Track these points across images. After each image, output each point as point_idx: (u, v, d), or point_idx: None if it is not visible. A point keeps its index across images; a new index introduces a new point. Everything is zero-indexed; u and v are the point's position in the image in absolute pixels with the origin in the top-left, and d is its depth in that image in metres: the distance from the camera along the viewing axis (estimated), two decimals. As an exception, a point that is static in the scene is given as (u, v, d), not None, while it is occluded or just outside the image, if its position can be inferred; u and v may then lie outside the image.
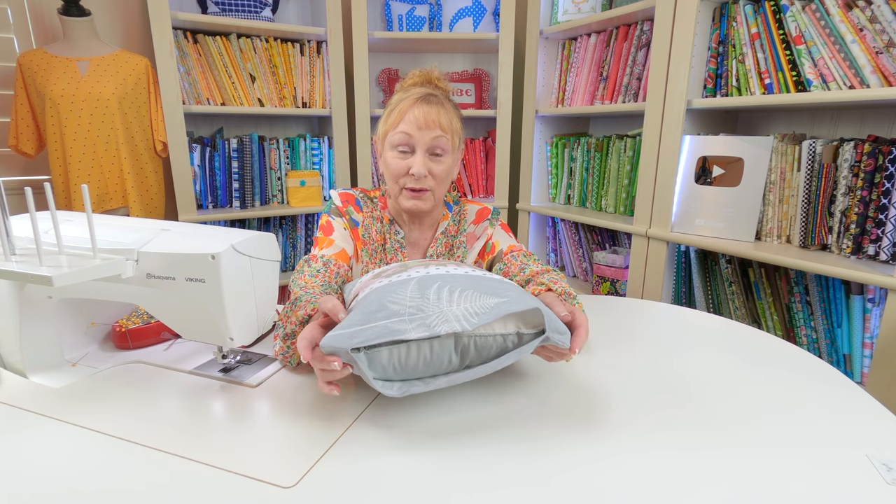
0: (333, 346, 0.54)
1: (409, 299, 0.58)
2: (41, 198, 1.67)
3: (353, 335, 0.55)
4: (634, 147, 1.65)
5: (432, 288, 0.60)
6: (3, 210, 0.59)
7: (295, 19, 2.03)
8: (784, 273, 1.29)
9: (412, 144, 0.87)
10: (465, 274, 0.65)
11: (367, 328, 0.55)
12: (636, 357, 0.78)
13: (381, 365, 0.56)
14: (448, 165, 0.90)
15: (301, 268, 0.84)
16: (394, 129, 0.88)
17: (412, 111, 0.86)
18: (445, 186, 0.93)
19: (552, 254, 2.11)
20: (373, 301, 0.59)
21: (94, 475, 0.49)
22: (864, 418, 0.61)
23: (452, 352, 0.58)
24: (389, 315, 0.56)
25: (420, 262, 0.72)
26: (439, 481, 0.49)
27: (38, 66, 1.54)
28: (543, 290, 0.75)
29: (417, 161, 0.87)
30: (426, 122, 0.86)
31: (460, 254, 0.96)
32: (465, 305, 0.57)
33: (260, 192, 1.94)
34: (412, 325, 0.55)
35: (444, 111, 0.88)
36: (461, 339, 0.58)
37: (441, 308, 0.57)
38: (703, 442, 0.56)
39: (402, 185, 0.89)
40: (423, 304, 0.58)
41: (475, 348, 0.59)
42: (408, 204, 0.90)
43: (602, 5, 1.74)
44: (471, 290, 0.60)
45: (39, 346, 0.70)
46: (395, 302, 0.58)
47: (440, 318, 0.56)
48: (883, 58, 1.05)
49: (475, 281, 0.63)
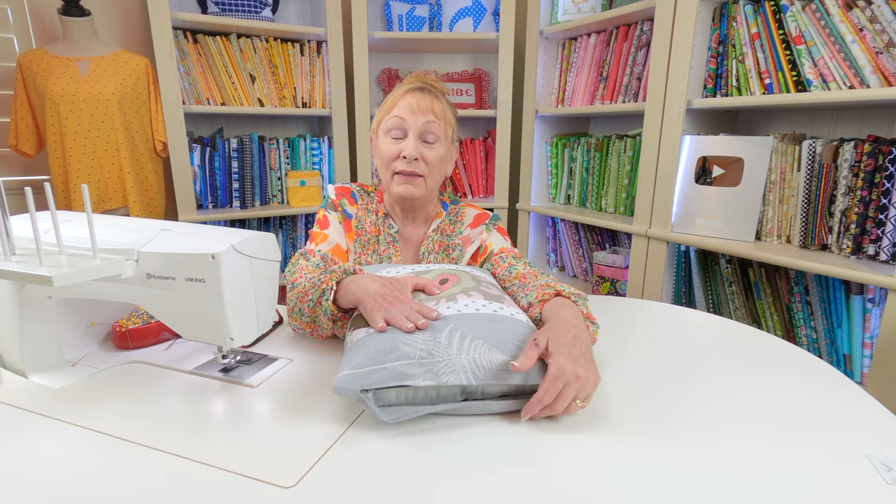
0: (345, 388, 0.57)
1: (421, 342, 0.60)
2: (41, 198, 1.67)
3: (365, 376, 0.57)
4: (634, 147, 1.65)
5: (444, 331, 0.62)
6: (3, 210, 0.59)
7: (295, 19, 2.03)
8: (784, 273, 1.29)
9: (405, 128, 0.89)
10: (476, 313, 0.66)
11: (377, 370, 0.58)
12: (636, 357, 0.78)
13: (387, 400, 0.59)
14: (440, 154, 0.91)
15: (297, 260, 0.85)
16: (388, 115, 0.90)
17: (406, 98, 0.89)
18: (438, 177, 0.93)
19: (552, 254, 2.11)
20: (385, 339, 0.61)
21: (95, 475, 0.49)
22: (863, 418, 0.61)
23: (458, 395, 0.61)
24: (400, 357, 0.59)
25: (427, 277, 0.76)
26: (439, 481, 0.49)
27: (38, 66, 1.54)
28: (552, 296, 0.75)
29: (410, 143, 0.88)
30: (419, 106, 0.88)
31: (455, 256, 0.96)
32: (474, 356, 0.60)
33: (260, 192, 1.94)
34: (421, 371, 0.58)
35: (437, 101, 0.90)
36: (468, 386, 0.60)
37: (451, 356, 0.59)
38: (702, 441, 0.56)
39: (393, 169, 0.90)
40: (433, 347, 0.60)
41: (481, 394, 0.62)
42: (399, 189, 0.90)
43: (602, 5, 1.74)
44: (481, 340, 0.61)
45: (39, 346, 0.70)
46: (407, 343, 0.60)
47: (448, 367, 0.58)
48: (883, 58, 1.05)
49: (487, 324, 0.64)
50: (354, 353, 0.61)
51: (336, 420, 0.59)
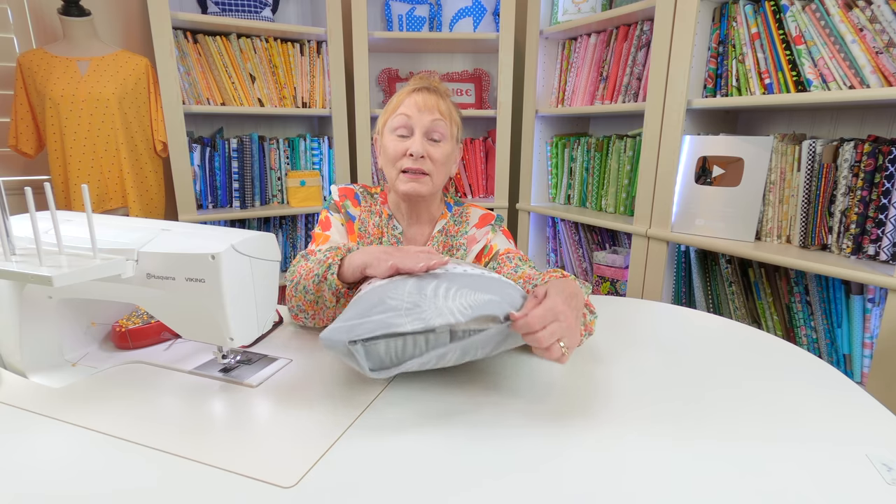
0: (332, 339, 0.57)
1: (408, 294, 0.62)
2: (41, 198, 1.67)
3: (352, 328, 0.58)
4: (634, 147, 1.65)
5: (430, 286, 0.63)
6: (3, 210, 0.59)
7: (295, 19, 2.03)
8: (784, 273, 1.29)
9: (411, 126, 0.89)
10: (463, 272, 0.67)
11: (364, 322, 0.59)
12: (636, 357, 0.78)
13: (378, 356, 0.59)
14: (446, 152, 0.91)
15: (298, 261, 0.85)
16: (393, 114, 0.90)
17: (412, 96, 0.90)
18: (444, 175, 0.94)
19: (552, 254, 2.11)
20: (372, 296, 0.63)
21: (95, 475, 0.49)
22: (864, 418, 0.61)
23: (447, 340, 0.60)
24: (386, 310, 0.60)
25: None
26: (439, 480, 0.49)
27: (38, 66, 1.54)
28: (559, 277, 0.77)
29: (416, 141, 0.89)
30: (425, 105, 0.89)
31: (459, 255, 0.96)
32: (460, 301, 0.61)
33: (260, 192, 1.94)
34: (408, 319, 0.58)
35: (442, 101, 0.91)
36: (456, 333, 0.60)
37: (437, 304, 0.60)
38: (702, 441, 0.56)
39: (399, 167, 0.90)
40: (420, 299, 0.61)
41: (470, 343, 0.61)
42: (405, 187, 0.90)
43: (602, 5, 1.74)
44: (467, 289, 0.63)
45: (39, 346, 0.70)
46: (394, 297, 0.61)
47: (435, 313, 0.59)
48: (883, 58, 1.05)
49: (472, 279, 0.65)
50: (343, 313, 0.63)
51: (336, 420, 0.59)
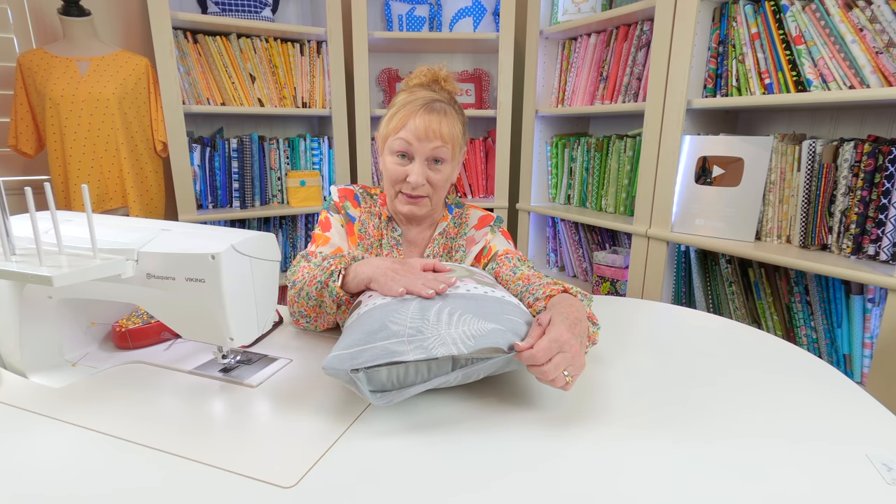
0: (334, 367, 0.57)
1: (410, 320, 0.60)
2: (41, 198, 1.67)
3: (354, 356, 0.57)
4: (634, 147, 1.65)
5: (433, 309, 0.62)
6: (3, 210, 0.59)
7: (295, 19, 2.03)
8: (784, 273, 1.29)
9: (411, 153, 0.87)
10: (466, 293, 0.66)
11: (367, 349, 0.58)
12: (635, 357, 0.78)
13: (380, 381, 0.59)
14: (446, 174, 0.91)
15: (299, 262, 0.85)
16: (394, 135, 0.87)
17: (414, 120, 0.85)
18: (443, 192, 0.94)
19: (552, 254, 2.11)
20: (375, 319, 0.61)
21: (95, 475, 0.49)
22: (864, 418, 0.61)
23: (449, 368, 0.60)
24: (389, 336, 0.59)
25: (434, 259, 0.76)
26: (439, 480, 0.49)
27: (38, 66, 1.54)
28: (559, 292, 0.76)
29: (415, 171, 0.87)
30: (426, 132, 0.85)
31: (459, 257, 0.96)
32: (462, 329, 0.59)
33: (260, 192, 1.94)
34: (410, 347, 0.58)
35: (446, 120, 0.87)
36: (459, 361, 0.59)
37: (440, 331, 0.59)
38: (702, 440, 0.56)
39: (398, 189, 0.90)
40: (423, 325, 0.60)
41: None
42: (404, 209, 0.90)
43: (602, 5, 1.74)
44: (470, 315, 0.61)
45: (39, 346, 0.70)
46: (396, 322, 0.60)
47: (438, 341, 0.58)
48: (883, 58, 1.05)
49: (477, 303, 0.64)
50: (344, 336, 0.62)
51: (336, 420, 0.59)
